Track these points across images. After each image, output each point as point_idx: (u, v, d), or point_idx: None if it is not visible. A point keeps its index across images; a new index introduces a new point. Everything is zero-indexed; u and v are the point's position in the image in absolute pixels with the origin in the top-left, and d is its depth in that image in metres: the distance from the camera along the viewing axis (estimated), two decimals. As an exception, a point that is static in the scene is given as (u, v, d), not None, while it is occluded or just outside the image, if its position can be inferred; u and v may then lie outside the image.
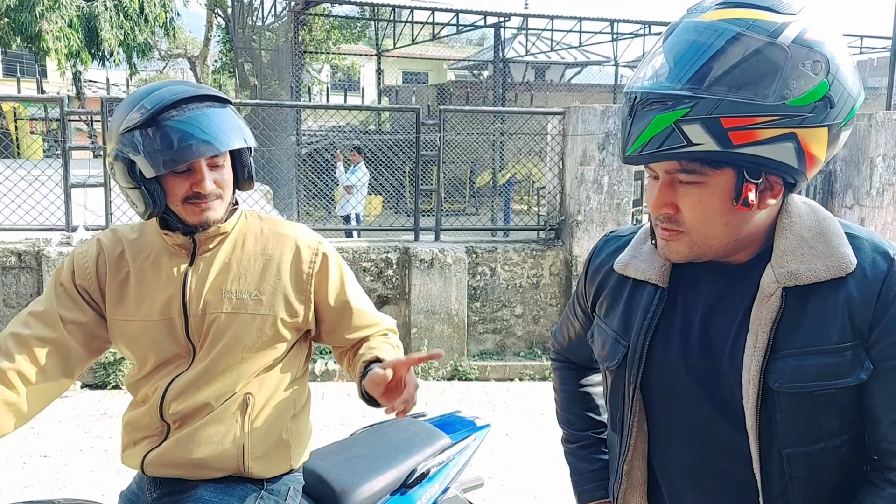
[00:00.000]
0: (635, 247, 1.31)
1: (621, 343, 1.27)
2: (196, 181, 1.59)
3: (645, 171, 1.22)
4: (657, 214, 1.15)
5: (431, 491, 2.02)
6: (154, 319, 1.68)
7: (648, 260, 1.27)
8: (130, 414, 1.75)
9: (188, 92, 1.60)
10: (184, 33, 22.50)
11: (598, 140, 5.92)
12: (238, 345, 1.66)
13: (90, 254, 1.73)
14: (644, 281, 1.26)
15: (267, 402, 1.71)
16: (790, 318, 1.12)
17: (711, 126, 1.04)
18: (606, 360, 1.31)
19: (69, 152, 5.56)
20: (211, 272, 1.69)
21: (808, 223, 1.16)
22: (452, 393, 5.45)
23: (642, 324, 1.24)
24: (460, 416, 2.37)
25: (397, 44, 18.88)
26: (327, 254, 1.77)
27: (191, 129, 1.55)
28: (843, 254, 1.12)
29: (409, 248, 5.81)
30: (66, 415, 4.75)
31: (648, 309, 1.24)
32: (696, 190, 1.10)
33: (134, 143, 1.55)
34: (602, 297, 1.35)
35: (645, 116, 1.07)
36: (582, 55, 22.02)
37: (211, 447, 1.65)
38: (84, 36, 14.10)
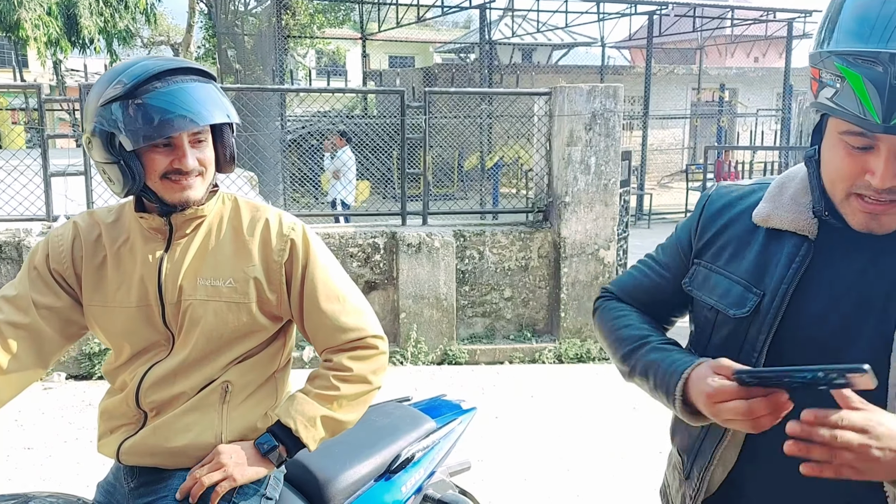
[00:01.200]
0: (773, 199, 1.27)
1: (753, 291, 1.22)
2: (178, 157, 1.54)
3: (841, 136, 1.10)
4: (888, 186, 1.06)
5: (416, 476, 1.99)
6: (132, 306, 1.63)
7: (793, 211, 1.23)
8: (107, 401, 1.71)
9: (170, 64, 1.55)
10: (166, 20, 22.25)
11: (584, 120, 5.87)
12: (214, 333, 1.61)
13: (66, 237, 1.68)
14: (787, 231, 1.22)
15: (247, 390, 1.67)
16: None
17: None
18: (731, 307, 1.24)
19: (48, 141, 5.47)
20: (186, 258, 1.63)
21: None
22: (442, 377, 5.43)
23: (786, 273, 1.20)
24: (446, 400, 2.34)
25: (382, 27, 18.73)
26: (295, 240, 1.67)
27: (173, 102, 1.49)
28: None
29: (396, 233, 5.76)
30: (50, 406, 4.70)
31: (794, 258, 1.20)
32: None
33: (113, 116, 1.49)
34: (719, 244, 1.31)
35: None
36: (569, 36, 21.94)
37: (188, 435, 1.61)
38: (63, 24, 13.92)
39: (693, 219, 1.38)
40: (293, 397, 1.67)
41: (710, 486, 1.29)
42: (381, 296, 5.82)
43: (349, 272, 5.77)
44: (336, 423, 1.65)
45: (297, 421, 1.61)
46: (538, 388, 5.15)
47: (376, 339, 1.70)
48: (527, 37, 21.45)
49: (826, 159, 1.16)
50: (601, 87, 5.93)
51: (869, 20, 1.03)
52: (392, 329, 5.83)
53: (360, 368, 1.66)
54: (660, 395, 1.24)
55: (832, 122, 1.12)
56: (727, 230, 1.31)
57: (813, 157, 1.21)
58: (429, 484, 2.05)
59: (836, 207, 1.18)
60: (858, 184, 1.10)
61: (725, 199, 1.35)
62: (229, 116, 1.58)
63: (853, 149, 1.09)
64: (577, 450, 4.11)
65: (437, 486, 2.09)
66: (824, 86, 1.09)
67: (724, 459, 1.26)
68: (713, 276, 1.30)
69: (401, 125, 5.97)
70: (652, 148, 17.36)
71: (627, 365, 1.35)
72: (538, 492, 3.66)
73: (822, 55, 1.07)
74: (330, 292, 1.67)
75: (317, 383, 1.67)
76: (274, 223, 1.68)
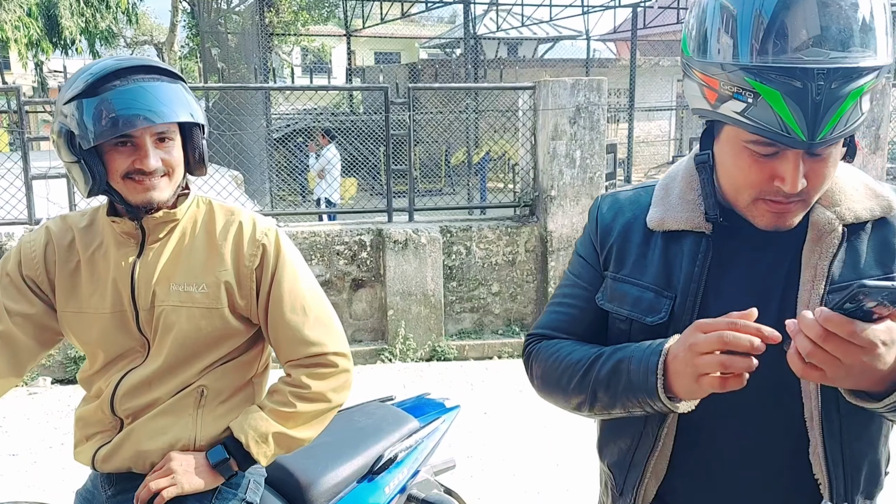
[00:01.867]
0: (662, 201, 1.27)
1: (664, 295, 1.21)
2: (139, 157, 1.50)
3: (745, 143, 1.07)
4: (796, 191, 1.06)
5: (400, 476, 1.97)
6: (106, 312, 1.61)
7: (685, 210, 1.23)
8: (82, 409, 1.69)
9: (133, 62, 1.52)
10: (148, 19, 22.09)
11: (568, 114, 5.86)
12: (188, 338, 1.59)
13: (38, 243, 1.65)
14: (684, 231, 1.22)
15: (222, 395, 1.65)
16: (847, 253, 1.15)
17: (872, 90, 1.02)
18: (646, 314, 1.22)
19: (31, 143, 5.41)
20: (159, 263, 1.61)
21: (840, 170, 1.19)
22: (431, 374, 5.41)
23: (692, 271, 1.19)
24: (429, 399, 2.33)
25: (367, 23, 18.66)
26: (267, 246, 1.63)
27: (132, 99, 1.46)
28: (888, 195, 1.18)
29: (382, 230, 5.74)
30: (35, 412, 4.66)
31: (696, 257, 1.20)
32: (827, 156, 1.07)
33: (73, 113, 1.47)
34: (618, 254, 1.29)
35: (835, 94, 0.97)
36: (554, 30, 21.92)
37: (162, 439, 1.59)
38: (44, 25, 13.78)
39: (590, 232, 1.35)
40: (248, 411, 1.64)
41: (644, 501, 1.27)
42: (369, 293, 5.80)
43: (336, 270, 5.76)
44: (290, 440, 1.62)
45: (249, 436, 1.59)
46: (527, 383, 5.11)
47: (337, 356, 1.65)
48: (512, 31, 21.40)
49: (728, 167, 1.14)
50: (585, 81, 5.92)
51: (780, 31, 0.98)
52: (380, 326, 5.82)
53: (318, 387, 1.62)
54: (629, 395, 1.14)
55: (734, 131, 1.09)
56: (624, 238, 1.29)
57: (706, 164, 1.19)
58: (413, 484, 2.04)
59: (732, 210, 1.19)
60: (766, 189, 1.09)
61: (615, 206, 1.33)
62: (193, 116, 1.54)
63: (760, 156, 1.07)
64: (566, 444, 4.11)
65: (422, 486, 2.08)
66: (728, 98, 1.04)
67: (656, 471, 1.24)
68: (621, 285, 1.27)
69: (385, 122, 5.95)
70: (638, 140, 17.39)
71: (583, 391, 1.22)
72: (528, 487, 3.65)
73: (726, 67, 1.02)
74: (295, 302, 1.63)
75: (274, 398, 1.64)
76: (248, 227, 1.65)
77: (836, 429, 1.14)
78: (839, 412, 1.14)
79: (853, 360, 0.94)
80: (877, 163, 6.10)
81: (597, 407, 1.22)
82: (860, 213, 1.16)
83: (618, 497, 1.31)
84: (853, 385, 0.99)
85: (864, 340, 0.93)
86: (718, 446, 1.20)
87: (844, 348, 0.93)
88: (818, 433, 1.14)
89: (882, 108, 6.05)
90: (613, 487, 1.33)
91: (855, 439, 1.16)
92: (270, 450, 1.61)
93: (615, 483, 1.32)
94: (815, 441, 1.15)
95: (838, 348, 0.93)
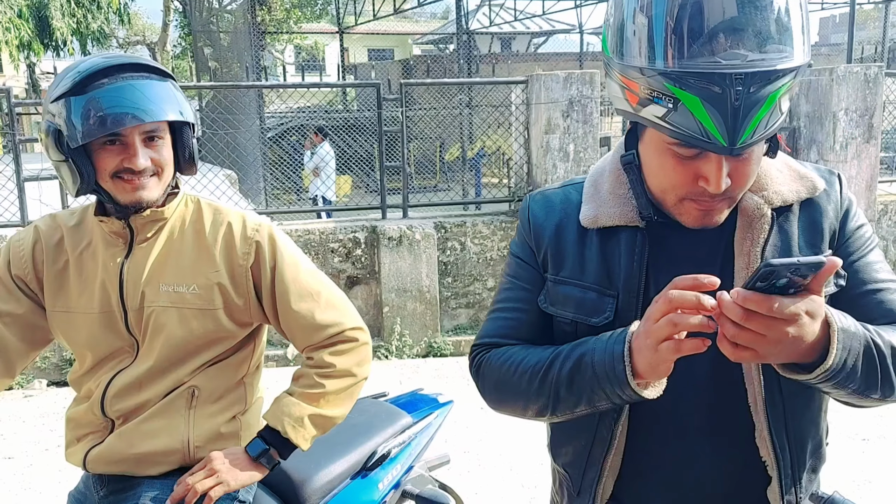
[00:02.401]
0: (593, 198, 1.25)
1: (607, 294, 1.20)
2: (128, 155, 1.49)
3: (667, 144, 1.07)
4: (721, 192, 1.06)
5: (393, 472, 1.97)
6: (94, 312, 1.60)
7: (617, 205, 1.22)
8: (73, 410, 1.68)
9: (121, 60, 1.50)
10: (140, 19, 22.03)
11: (561, 108, 5.85)
12: (179, 340, 1.58)
13: (27, 242, 1.65)
14: (619, 227, 1.21)
15: (214, 395, 1.64)
16: (778, 237, 1.17)
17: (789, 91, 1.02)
18: (591, 315, 1.20)
19: (22, 145, 5.40)
20: (148, 263, 1.59)
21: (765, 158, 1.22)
22: (427, 370, 5.41)
23: (631, 267, 1.19)
24: (423, 394, 2.32)
25: (360, 20, 18.62)
26: (260, 242, 1.62)
27: (120, 97, 1.45)
28: (812, 176, 1.20)
29: (376, 227, 5.73)
30: (30, 414, 4.65)
31: (634, 251, 1.19)
32: (750, 154, 1.08)
33: (61, 111, 1.46)
34: (555, 255, 1.26)
35: (754, 98, 0.97)
36: (547, 24, 21.90)
37: (154, 441, 1.59)
38: (35, 26, 13.73)
39: (524, 233, 1.32)
40: (279, 399, 1.64)
41: (602, 500, 1.26)
42: (364, 290, 5.80)
43: (330, 268, 5.75)
44: (325, 419, 1.64)
45: (286, 423, 1.60)
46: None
47: (355, 330, 1.67)
48: (505, 26, 21.38)
49: (653, 168, 1.14)
50: (577, 74, 5.91)
51: (696, 34, 0.96)
52: (376, 323, 5.81)
53: (342, 363, 1.64)
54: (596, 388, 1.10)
55: (657, 133, 1.08)
56: (559, 238, 1.26)
57: (633, 164, 1.18)
58: (407, 479, 2.04)
59: (649, 190, 1.19)
60: (692, 190, 1.09)
61: (546, 205, 1.30)
62: (182, 114, 1.53)
63: (684, 158, 1.07)
64: (562, 438, 4.10)
65: (416, 482, 2.08)
66: (649, 102, 1.03)
67: (612, 468, 1.23)
68: (562, 287, 1.24)
69: (378, 118, 5.94)
70: (633, 133, 17.36)
71: (544, 394, 1.17)
72: (525, 481, 3.65)
73: (645, 71, 1.00)
74: (302, 290, 1.63)
75: (301, 382, 1.65)
76: (237, 226, 1.63)
77: (780, 412, 1.16)
78: (782, 394, 1.16)
79: (779, 334, 0.94)
80: (870, 152, 6.10)
81: (560, 408, 1.17)
82: (787, 196, 1.17)
83: (574, 497, 1.29)
84: (785, 359, 0.99)
85: (786, 314, 0.93)
86: (669, 440, 1.20)
87: (768, 324, 0.93)
88: (763, 418, 1.15)
89: (875, 97, 6.05)
90: (570, 487, 1.30)
91: (798, 419, 1.19)
92: (309, 432, 1.62)
93: (571, 483, 1.29)
94: (760, 426, 1.16)
95: (762, 325, 0.93)
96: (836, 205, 1.20)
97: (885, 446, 3.97)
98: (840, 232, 1.20)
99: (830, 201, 1.20)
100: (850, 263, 1.18)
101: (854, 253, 1.19)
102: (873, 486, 3.57)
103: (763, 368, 1.14)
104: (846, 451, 3.85)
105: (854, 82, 5.97)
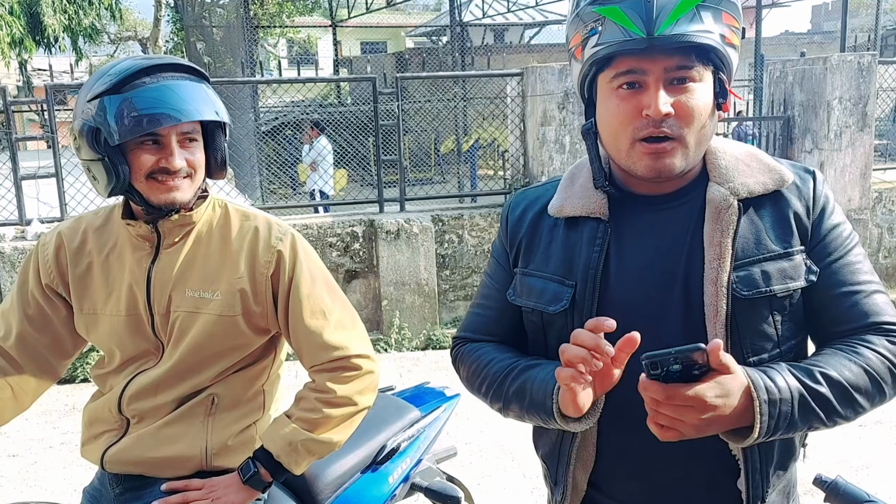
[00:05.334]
0: (565, 189, 1.30)
1: (566, 284, 1.23)
2: (165, 155, 1.50)
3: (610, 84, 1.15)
4: (662, 115, 1.10)
5: (403, 465, 1.99)
6: (121, 315, 1.62)
7: (584, 196, 1.26)
8: (91, 405, 1.71)
9: (160, 61, 1.52)
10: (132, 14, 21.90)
11: (557, 100, 5.87)
12: (201, 345, 1.59)
13: (50, 249, 1.67)
14: (583, 217, 1.25)
15: (233, 402, 1.66)
16: (747, 228, 1.18)
17: (717, 18, 1.08)
18: (549, 304, 1.25)
19: (17, 144, 5.38)
20: (174, 268, 1.60)
21: (732, 146, 1.25)
22: (426, 363, 5.44)
23: (590, 258, 1.22)
24: (429, 388, 2.35)
25: (352, 13, 18.56)
26: (283, 252, 1.60)
27: (159, 98, 1.46)
28: (780, 169, 1.22)
29: (374, 221, 5.75)
30: (33, 412, 4.65)
31: (594, 242, 1.22)
32: (693, 88, 1.12)
33: (99, 111, 1.47)
34: (527, 247, 1.32)
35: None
36: (540, 15, 21.85)
37: (174, 446, 1.61)
38: (27, 22, 13.66)
39: (501, 232, 1.38)
40: (277, 421, 1.63)
41: (576, 490, 1.29)
42: (363, 284, 5.81)
43: (329, 262, 5.76)
44: (321, 445, 1.61)
45: (279, 446, 1.59)
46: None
47: (360, 358, 1.63)
48: (498, 17, 21.33)
49: (604, 118, 1.19)
50: (573, 66, 5.91)
51: None
52: (375, 317, 5.83)
53: (343, 391, 1.60)
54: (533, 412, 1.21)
55: (602, 79, 1.16)
56: (531, 232, 1.31)
57: (590, 130, 1.23)
58: (416, 472, 2.06)
59: (616, 177, 1.25)
60: (638, 125, 1.13)
61: (524, 202, 1.36)
62: (218, 114, 1.54)
63: (626, 91, 1.13)
64: (563, 428, 4.14)
65: (425, 474, 2.10)
66: (587, 41, 1.14)
67: (582, 459, 1.27)
68: (528, 279, 1.30)
69: (374, 112, 5.94)
70: (627, 123, 17.36)
71: (499, 400, 1.28)
72: (527, 471, 3.69)
73: (580, 14, 1.14)
74: (315, 307, 1.61)
75: (301, 405, 1.63)
76: (263, 233, 1.62)
77: None
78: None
79: (690, 417, 1.00)
80: (864, 140, 6.13)
81: (511, 416, 1.29)
82: (753, 188, 1.19)
83: (553, 487, 1.34)
84: (713, 432, 1.05)
85: (691, 400, 0.98)
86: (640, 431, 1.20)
87: (677, 410, 0.99)
88: None
89: (868, 86, 6.08)
90: (548, 477, 1.36)
91: None
92: (302, 458, 1.60)
93: (549, 473, 1.35)
94: None
95: (671, 410, 1.00)
96: (807, 201, 1.20)
97: (882, 431, 4.02)
98: (815, 230, 1.20)
99: (802, 197, 1.20)
100: (828, 264, 1.19)
101: (832, 253, 1.20)
102: (871, 472, 3.61)
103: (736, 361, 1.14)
104: (844, 437, 3.90)
105: (848, 71, 6.00)
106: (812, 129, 6.24)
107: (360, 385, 1.62)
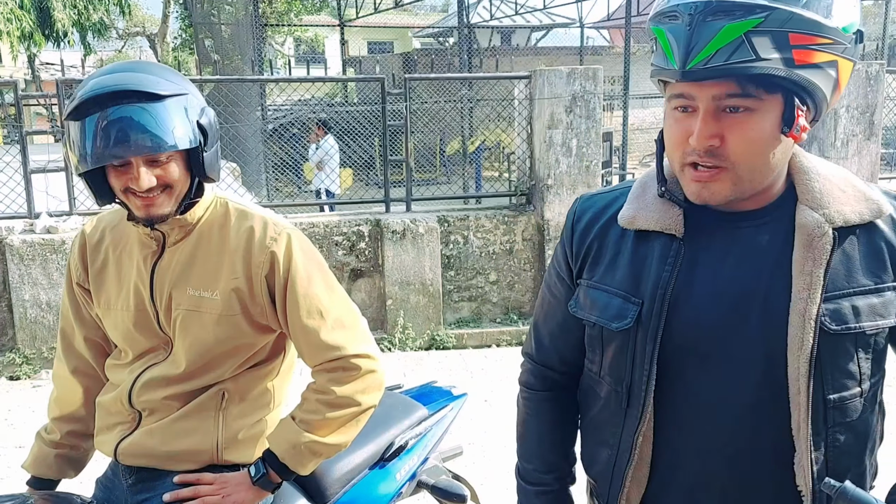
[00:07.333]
0: (637, 199, 1.23)
1: (632, 301, 1.18)
2: (131, 177, 1.48)
3: (669, 103, 1.11)
4: (703, 147, 1.06)
5: (410, 463, 2.02)
6: (130, 310, 1.66)
7: (658, 210, 1.19)
8: (103, 397, 1.75)
9: (112, 87, 1.43)
10: (140, 10, 21.95)
11: (565, 103, 5.89)
12: (203, 344, 1.61)
13: (76, 250, 1.75)
14: (655, 232, 1.18)
15: (244, 398, 1.68)
16: (839, 260, 1.11)
17: (780, 41, 1.00)
18: (613, 320, 1.20)
19: (26, 137, 5.42)
20: (176, 267, 1.63)
21: (826, 167, 1.17)
22: (430, 362, 5.46)
23: (660, 276, 1.15)
24: (437, 387, 2.37)
25: (360, 13, 18.58)
26: (276, 252, 1.58)
27: (110, 129, 1.42)
28: (878, 198, 1.14)
29: (380, 220, 5.77)
30: (39, 404, 4.69)
31: (665, 260, 1.16)
32: (747, 116, 1.05)
33: (68, 132, 1.50)
34: (594, 257, 1.26)
35: (710, 26, 1.00)
36: (547, 17, 21.86)
37: (185, 441, 1.63)
38: (36, 17, 13.71)
39: (565, 239, 1.32)
40: (282, 423, 1.65)
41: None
42: (368, 283, 5.84)
43: (335, 260, 5.79)
44: (325, 447, 1.61)
45: (284, 449, 1.60)
46: (526, 371, 5.17)
47: (359, 358, 1.61)
48: (505, 19, 21.34)
49: (665, 133, 1.16)
50: (581, 70, 5.94)
51: None
52: (379, 316, 5.86)
53: (342, 391, 1.59)
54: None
55: (667, 92, 1.13)
56: (599, 242, 1.26)
57: (660, 139, 1.19)
58: (422, 470, 2.08)
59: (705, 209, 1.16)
60: (687, 150, 1.09)
61: (591, 210, 1.29)
62: (176, 140, 1.46)
63: (679, 113, 1.10)
64: (566, 430, 4.15)
65: (431, 472, 2.12)
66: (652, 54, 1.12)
67: (637, 479, 1.23)
68: (592, 291, 1.24)
69: (382, 112, 5.97)
70: (633, 128, 17.37)
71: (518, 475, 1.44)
72: (529, 473, 3.70)
73: (650, 28, 1.11)
74: (311, 307, 1.59)
75: (303, 407, 1.63)
76: (258, 233, 1.61)
77: (823, 441, 1.13)
78: (826, 424, 1.13)
79: None
80: (871, 149, 6.14)
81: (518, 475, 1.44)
82: (849, 217, 1.12)
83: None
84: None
85: None
86: (700, 454, 1.18)
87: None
88: (805, 444, 1.12)
89: (876, 95, 6.09)
90: (599, 497, 1.32)
91: (842, 453, 1.16)
92: (307, 460, 1.60)
93: (599, 493, 1.32)
94: (801, 452, 1.13)
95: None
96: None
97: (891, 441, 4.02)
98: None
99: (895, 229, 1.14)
100: None
101: None
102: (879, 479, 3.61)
103: (813, 393, 1.10)
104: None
105: (855, 79, 6.01)
106: (819, 138, 6.26)
107: (360, 385, 1.61)
